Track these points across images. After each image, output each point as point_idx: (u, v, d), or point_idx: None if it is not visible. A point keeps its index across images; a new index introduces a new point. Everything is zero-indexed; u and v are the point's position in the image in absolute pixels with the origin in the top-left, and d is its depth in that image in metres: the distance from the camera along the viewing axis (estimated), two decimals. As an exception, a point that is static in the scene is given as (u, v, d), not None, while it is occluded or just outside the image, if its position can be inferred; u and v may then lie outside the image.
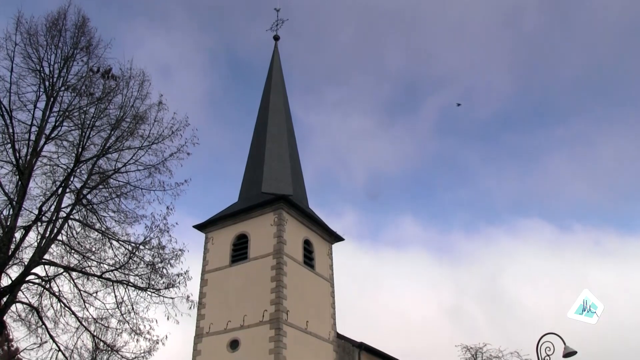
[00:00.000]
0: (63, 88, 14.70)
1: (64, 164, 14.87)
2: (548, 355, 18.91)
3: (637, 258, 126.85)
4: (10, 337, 27.58)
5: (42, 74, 14.47)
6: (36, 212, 13.78)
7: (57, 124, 14.61)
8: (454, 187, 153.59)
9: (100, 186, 15.17)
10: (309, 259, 33.65)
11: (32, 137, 14.14)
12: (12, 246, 13.26)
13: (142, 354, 15.23)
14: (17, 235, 13.58)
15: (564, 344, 18.55)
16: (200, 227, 34.82)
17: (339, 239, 37.21)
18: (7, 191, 13.77)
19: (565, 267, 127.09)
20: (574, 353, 18.40)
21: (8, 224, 13.16)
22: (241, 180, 37.82)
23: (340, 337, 33.46)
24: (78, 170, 14.75)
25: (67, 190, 14.61)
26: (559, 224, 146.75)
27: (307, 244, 33.92)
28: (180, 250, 15.20)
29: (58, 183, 14.48)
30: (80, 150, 14.52)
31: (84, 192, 14.74)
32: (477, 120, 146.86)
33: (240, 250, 32.70)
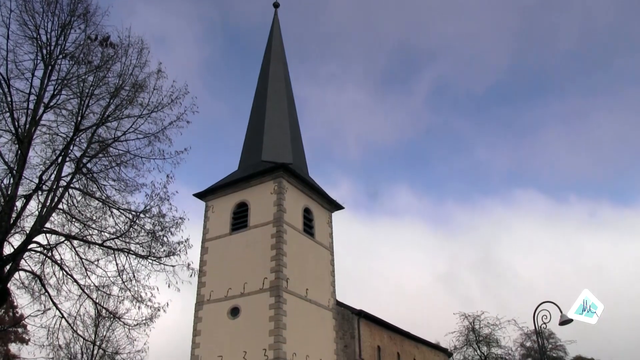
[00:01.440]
0: (61, 56, 14.55)
1: (64, 133, 14.83)
2: (545, 323, 19.21)
3: (632, 229, 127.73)
4: (15, 303, 27.97)
5: (39, 42, 14.30)
6: (36, 181, 13.78)
7: (55, 93, 14.50)
8: (449, 158, 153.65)
9: (100, 155, 15.14)
10: (308, 227, 33.83)
11: (31, 105, 14.05)
12: (14, 215, 13.31)
13: (144, 321, 15.41)
14: (18, 204, 13.62)
15: (561, 312, 18.80)
16: (200, 195, 34.92)
17: (338, 207, 37.36)
18: (7, 160, 13.75)
19: (560, 238, 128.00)
20: (569, 321, 18.65)
21: (9, 193, 13.18)
22: (241, 149, 37.79)
23: (339, 304, 33.87)
24: (78, 139, 14.71)
25: (67, 159, 14.57)
26: (554, 195, 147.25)
27: (307, 212, 34.05)
28: (180, 218, 15.26)
29: (58, 152, 14.43)
30: (79, 118, 14.43)
31: (84, 160, 14.71)
32: (472, 93, 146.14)
33: (240, 218, 32.85)
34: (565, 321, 18.73)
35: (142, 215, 14.97)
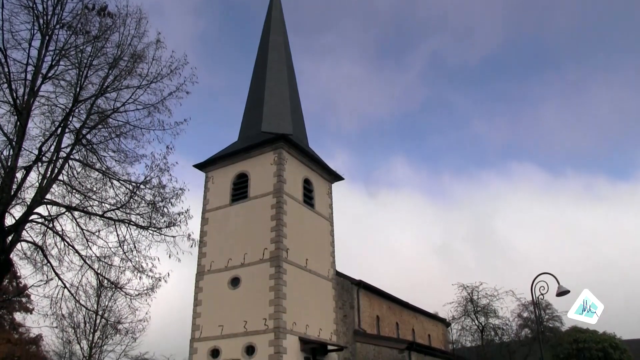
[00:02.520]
0: (58, 26, 14.33)
1: (63, 104, 14.73)
2: (542, 294, 19.45)
3: (628, 203, 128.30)
4: (18, 274, 28.29)
5: (36, 11, 14.07)
6: (36, 152, 13.75)
7: (53, 63, 14.34)
8: (445, 131, 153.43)
9: (100, 126, 15.07)
10: (308, 198, 33.92)
11: (29, 76, 13.91)
12: (14, 186, 13.33)
13: (145, 291, 15.55)
14: (19, 175, 13.62)
15: (558, 283, 19.03)
16: (200, 166, 34.93)
17: (338, 178, 37.40)
18: (6, 132, 13.70)
19: (557, 211, 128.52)
20: (566, 292, 18.92)
21: (9, 164, 13.17)
22: (241, 120, 37.66)
23: (339, 274, 34.18)
24: (77, 110, 14.62)
25: (67, 130, 14.52)
26: (551, 168, 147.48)
27: (306, 183, 34.11)
28: (180, 189, 15.27)
29: (57, 123, 14.37)
30: (78, 89, 14.32)
31: (84, 132, 14.66)
32: (468, 66, 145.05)
33: (240, 189, 32.92)
34: (562, 292, 18.98)
35: (142, 186, 15.00)
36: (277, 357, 26.99)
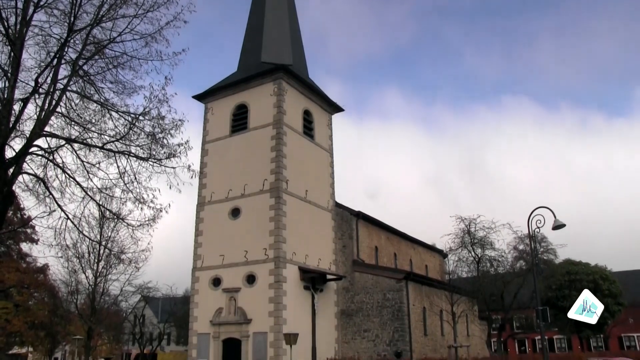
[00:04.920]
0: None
1: (57, 34, 14.29)
2: (538, 228, 19.74)
3: (622, 139, 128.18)
4: (22, 206, 28.61)
5: None
6: (32, 84, 13.54)
7: (45, -9, 13.89)
8: (438, 64, 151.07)
9: (96, 56, 14.73)
10: (308, 129, 33.80)
11: (20, 4, 13.49)
12: (13, 119, 13.21)
13: (147, 222, 15.68)
14: (16, 107, 13.46)
15: (555, 217, 19.25)
16: (199, 97, 34.60)
17: (338, 109, 37.14)
18: (0, 63, 13.43)
19: (550, 145, 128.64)
20: (562, 226, 19.18)
21: (5, 96, 12.99)
22: (240, 50, 36.95)
23: (338, 205, 34.54)
24: (72, 41, 14.21)
25: (63, 61, 14.17)
26: (544, 102, 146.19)
27: (306, 114, 33.90)
28: (180, 120, 15.06)
29: (52, 54, 14.01)
30: (72, 19, 13.88)
31: (80, 62, 14.34)
32: (461, 1, 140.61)
33: (240, 120, 32.76)
34: (558, 226, 19.25)
35: (141, 117, 14.81)
36: (277, 286, 27.72)
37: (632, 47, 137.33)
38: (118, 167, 15.08)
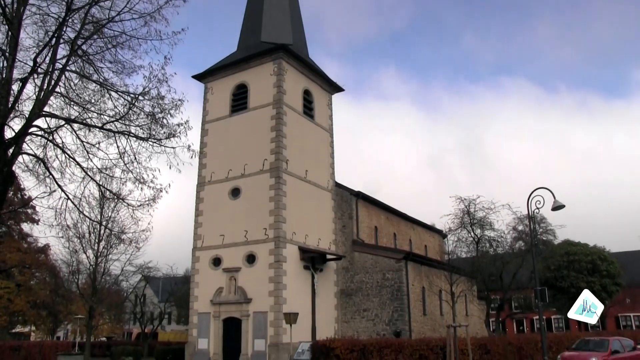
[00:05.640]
0: None
1: (55, 13, 14.19)
2: (537, 208, 19.79)
3: (621, 120, 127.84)
4: (22, 186, 28.66)
5: None
6: (31, 64, 13.45)
7: (40, -32, 13.74)
8: (436, 46, 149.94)
9: (95, 36, 14.62)
10: (308, 109, 33.70)
11: (16, -17, 13.36)
12: (12, 99, 13.16)
13: (147, 202, 15.69)
14: (15, 87, 13.40)
15: (554, 198, 19.28)
16: (199, 77, 34.43)
17: (338, 89, 36.98)
18: (-3, 42, 13.34)
19: (549, 127, 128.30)
20: (562, 207, 19.21)
21: (4, 75, 12.92)
22: (240, 30, 36.68)
23: (338, 185, 34.58)
24: (70, 20, 14.09)
25: (61, 41, 14.07)
26: (544, 83, 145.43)
27: (306, 94, 33.77)
28: (179, 100, 15.01)
29: (51, 33, 13.91)
30: (70, -3, 13.80)
31: (79, 42, 14.23)
32: None
33: (240, 100, 32.64)
34: (558, 207, 19.28)
35: (140, 97, 14.76)
36: (277, 266, 27.86)
37: (632, 29, 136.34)
38: (118, 147, 15.05)
